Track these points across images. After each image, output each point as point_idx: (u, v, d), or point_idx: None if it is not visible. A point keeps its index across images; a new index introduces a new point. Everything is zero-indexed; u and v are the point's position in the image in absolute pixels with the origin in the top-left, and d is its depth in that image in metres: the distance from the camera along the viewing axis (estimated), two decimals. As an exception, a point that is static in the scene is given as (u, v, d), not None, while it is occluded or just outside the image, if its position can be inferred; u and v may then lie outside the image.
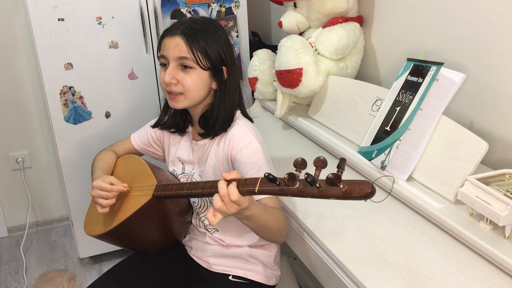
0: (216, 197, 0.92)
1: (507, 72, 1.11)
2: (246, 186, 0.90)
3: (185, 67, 1.17)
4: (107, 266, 2.16)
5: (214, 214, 0.92)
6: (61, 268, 2.21)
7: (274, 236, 1.12)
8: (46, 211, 2.54)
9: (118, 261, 1.35)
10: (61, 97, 1.85)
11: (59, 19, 1.76)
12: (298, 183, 0.83)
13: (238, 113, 1.26)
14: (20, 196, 2.45)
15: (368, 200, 0.77)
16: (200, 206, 1.30)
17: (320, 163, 0.81)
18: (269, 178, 0.83)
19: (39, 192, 2.49)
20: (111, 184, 1.18)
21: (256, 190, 0.88)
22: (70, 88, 1.85)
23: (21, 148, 2.38)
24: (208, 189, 1.00)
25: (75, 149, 1.93)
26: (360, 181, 0.78)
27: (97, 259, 2.23)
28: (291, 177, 0.81)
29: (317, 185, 0.79)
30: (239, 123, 1.22)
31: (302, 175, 0.82)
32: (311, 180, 0.78)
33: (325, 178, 0.78)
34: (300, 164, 0.84)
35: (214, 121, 1.22)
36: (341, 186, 0.77)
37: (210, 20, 1.24)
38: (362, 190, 0.76)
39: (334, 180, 0.76)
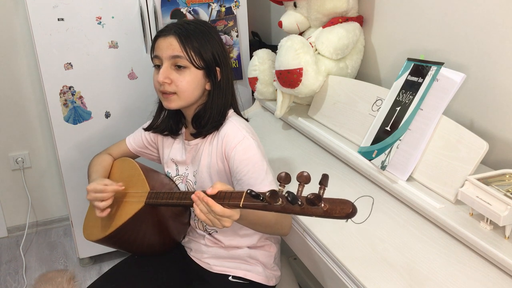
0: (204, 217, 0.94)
1: (507, 72, 1.11)
2: (231, 200, 0.89)
3: (179, 67, 1.16)
4: (107, 266, 2.16)
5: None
6: (61, 268, 2.21)
7: (274, 230, 1.12)
8: (46, 211, 2.54)
9: (118, 261, 1.35)
10: (60, 97, 1.85)
11: (59, 19, 1.75)
12: (280, 199, 0.80)
13: (231, 111, 1.25)
14: (20, 196, 2.45)
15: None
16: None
17: (304, 179, 0.78)
18: (252, 195, 0.82)
19: (39, 192, 2.48)
20: (105, 185, 1.18)
21: (240, 205, 0.88)
22: (69, 88, 1.85)
23: (21, 148, 2.38)
24: None
25: (75, 149, 1.93)
26: (341, 200, 0.76)
27: (97, 259, 2.22)
28: (273, 194, 0.79)
29: (299, 203, 0.77)
30: (232, 121, 1.21)
31: (286, 190, 0.80)
32: (291, 199, 0.76)
33: (305, 196, 0.76)
34: (284, 179, 0.82)
35: (206, 120, 1.21)
36: (322, 205, 0.75)
37: (204, 22, 1.25)
38: (343, 210, 0.75)
39: (314, 200, 0.74)
